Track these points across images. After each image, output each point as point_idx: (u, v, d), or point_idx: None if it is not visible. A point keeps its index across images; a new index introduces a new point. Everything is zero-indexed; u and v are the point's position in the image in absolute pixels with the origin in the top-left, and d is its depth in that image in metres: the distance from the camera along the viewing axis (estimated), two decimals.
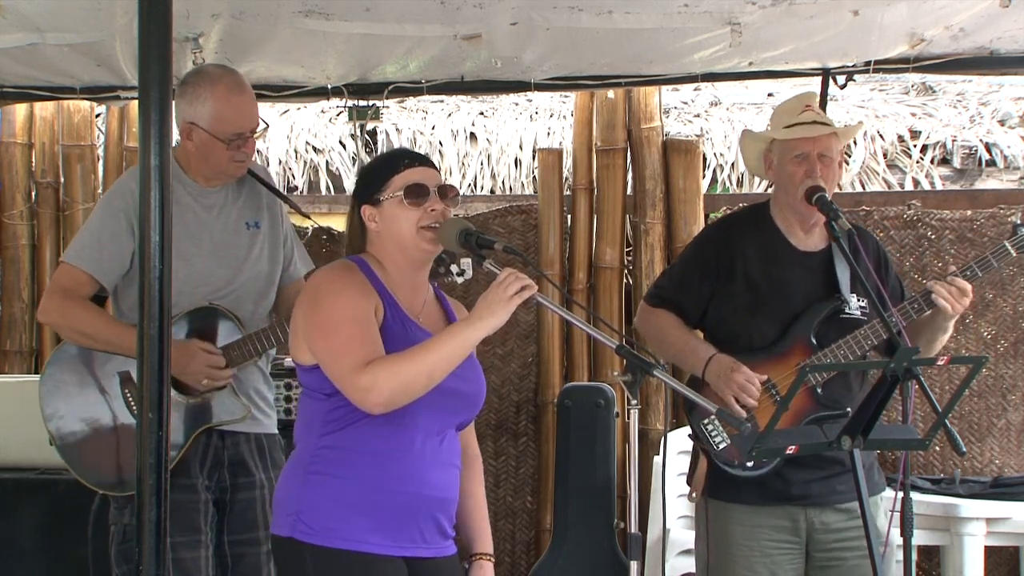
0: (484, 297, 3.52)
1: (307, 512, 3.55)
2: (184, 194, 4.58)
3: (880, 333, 4.45)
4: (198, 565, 4.54)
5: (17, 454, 6.19)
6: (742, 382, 4.48)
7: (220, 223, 4.63)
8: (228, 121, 4.53)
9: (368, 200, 3.69)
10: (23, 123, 7.53)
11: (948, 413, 3.89)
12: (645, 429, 7.03)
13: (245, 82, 4.62)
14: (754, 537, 4.56)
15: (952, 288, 4.42)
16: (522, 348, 7.26)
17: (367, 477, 3.56)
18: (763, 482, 4.53)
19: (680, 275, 4.81)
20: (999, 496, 6.41)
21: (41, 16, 5.11)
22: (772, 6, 5.11)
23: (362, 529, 3.55)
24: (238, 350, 4.54)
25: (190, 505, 4.55)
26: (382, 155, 3.93)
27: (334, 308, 3.55)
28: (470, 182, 8.21)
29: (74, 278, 4.61)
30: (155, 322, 3.35)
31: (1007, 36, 5.57)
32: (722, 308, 4.66)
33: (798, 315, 4.55)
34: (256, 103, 4.63)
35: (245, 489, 4.62)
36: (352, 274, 3.64)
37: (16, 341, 7.52)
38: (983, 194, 7.58)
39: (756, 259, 4.62)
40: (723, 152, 8.08)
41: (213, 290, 4.58)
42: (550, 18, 5.25)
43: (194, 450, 4.58)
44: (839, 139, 4.62)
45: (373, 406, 3.48)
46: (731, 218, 5.21)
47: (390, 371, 3.46)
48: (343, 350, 3.50)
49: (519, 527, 7.25)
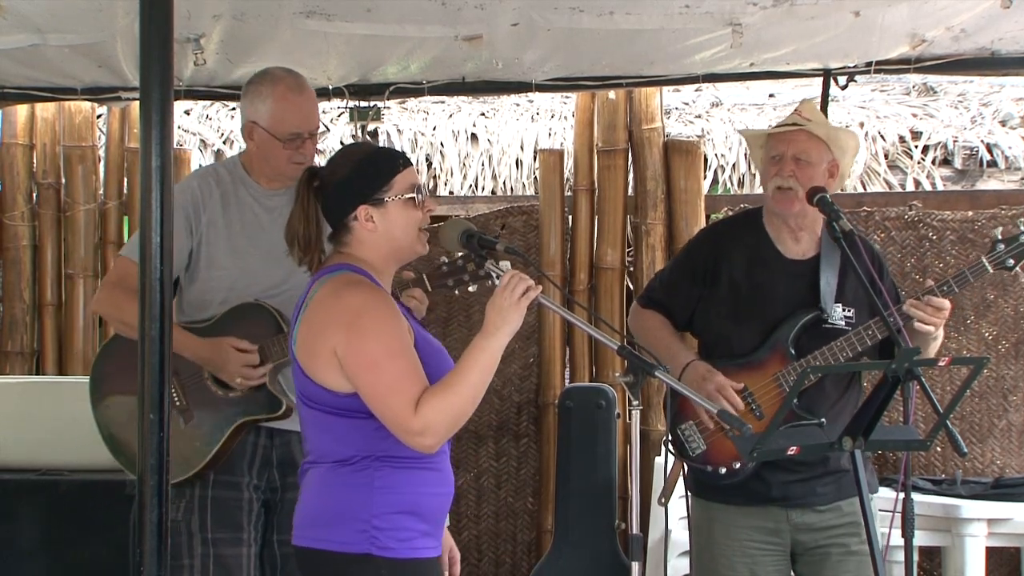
0: (492, 304, 3.50)
1: (383, 527, 3.49)
2: (246, 195, 4.67)
3: (856, 345, 4.42)
4: (239, 563, 4.57)
5: (18, 455, 6.20)
6: (711, 391, 4.46)
7: (279, 225, 4.61)
8: (285, 120, 4.57)
9: (368, 200, 3.60)
10: (24, 124, 7.52)
11: (949, 414, 3.88)
12: (646, 430, 7.02)
13: (306, 84, 4.66)
14: (735, 537, 4.57)
15: (927, 307, 4.36)
16: (523, 349, 7.26)
17: (423, 483, 3.55)
18: (742, 483, 4.53)
19: (669, 277, 4.81)
20: (1000, 497, 6.41)
21: (42, 17, 5.11)
22: (773, 7, 5.11)
23: (420, 535, 3.55)
24: (278, 346, 4.54)
25: (233, 503, 4.59)
26: (367, 152, 3.75)
27: (377, 342, 3.45)
28: (471, 183, 8.21)
29: (125, 270, 4.64)
30: (156, 323, 3.35)
31: (1008, 37, 5.57)
32: (708, 312, 4.66)
33: (779, 323, 4.53)
34: (316, 106, 4.66)
35: (292, 489, 4.55)
36: (381, 296, 3.54)
37: (17, 342, 7.52)
38: (984, 195, 7.58)
39: (742, 264, 4.61)
40: (724, 153, 8.08)
41: (264, 289, 4.60)
42: (551, 19, 5.25)
43: (241, 448, 4.60)
44: (821, 145, 4.52)
45: (427, 448, 3.44)
46: (723, 222, 5.19)
47: (439, 410, 3.41)
48: (391, 390, 3.43)
49: (520, 528, 7.25)
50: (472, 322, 7.12)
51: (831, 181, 4.53)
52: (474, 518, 7.22)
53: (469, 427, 6.81)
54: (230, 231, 4.64)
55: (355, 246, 3.63)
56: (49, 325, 7.53)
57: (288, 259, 4.50)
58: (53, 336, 7.53)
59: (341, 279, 3.56)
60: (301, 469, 3.73)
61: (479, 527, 7.23)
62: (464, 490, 7.13)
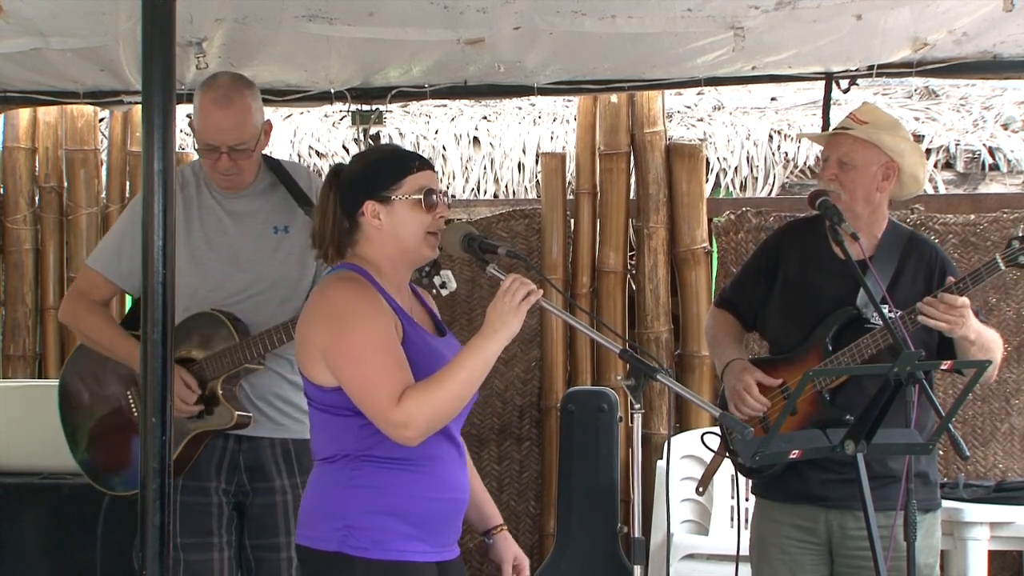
0: (493, 308, 3.49)
1: (357, 526, 3.50)
2: (209, 198, 4.63)
3: (879, 343, 4.41)
4: (209, 568, 4.55)
5: (21, 458, 6.20)
6: (739, 390, 4.51)
7: (242, 228, 4.59)
8: (202, 131, 4.53)
9: (375, 196, 3.59)
10: (27, 128, 7.54)
11: (952, 417, 3.88)
12: (648, 433, 7.03)
13: (237, 97, 4.51)
14: (777, 533, 4.58)
15: (939, 304, 4.30)
16: (525, 352, 7.26)
17: (409, 486, 3.54)
18: (784, 480, 4.53)
19: (739, 276, 4.90)
20: (1003, 500, 6.41)
21: (44, 21, 5.11)
22: (775, 10, 5.11)
23: (404, 538, 3.53)
24: (229, 357, 4.51)
25: (199, 508, 4.56)
26: (385, 152, 3.83)
27: (359, 335, 3.46)
28: (473, 186, 8.20)
29: (91, 280, 4.68)
30: (158, 327, 3.35)
31: (1010, 40, 5.57)
32: (766, 311, 4.72)
33: (820, 321, 4.55)
34: (244, 121, 4.51)
35: (264, 494, 4.59)
36: (368, 291, 3.55)
37: (20, 345, 7.53)
38: (986, 198, 7.58)
39: (797, 264, 4.65)
40: (726, 156, 8.07)
41: (228, 294, 4.57)
42: (553, 22, 5.25)
43: (208, 453, 4.58)
44: (869, 146, 4.50)
45: (409, 440, 3.44)
46: (791, 223, 5.13)
47: (422, 402, 3.41)
48: (373, 381, 3.44)
49: (522, 531, 7.24)
50: (474, 327, 7.04)
51: (885, 184, 4.50)
52: None
53: (471, 430, 6.83)
54: (190, 237, 4.58)
55: (363, 244, 3.63)
56: (51, 328, 7.54)
57: (254, 263, 4.51)
58: (55, 339, 7.54)
59: (332, 277, 3.61)
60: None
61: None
62: None
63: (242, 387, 4.57)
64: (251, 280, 4.55)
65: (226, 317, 4.52)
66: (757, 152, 8.06)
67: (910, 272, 4.50)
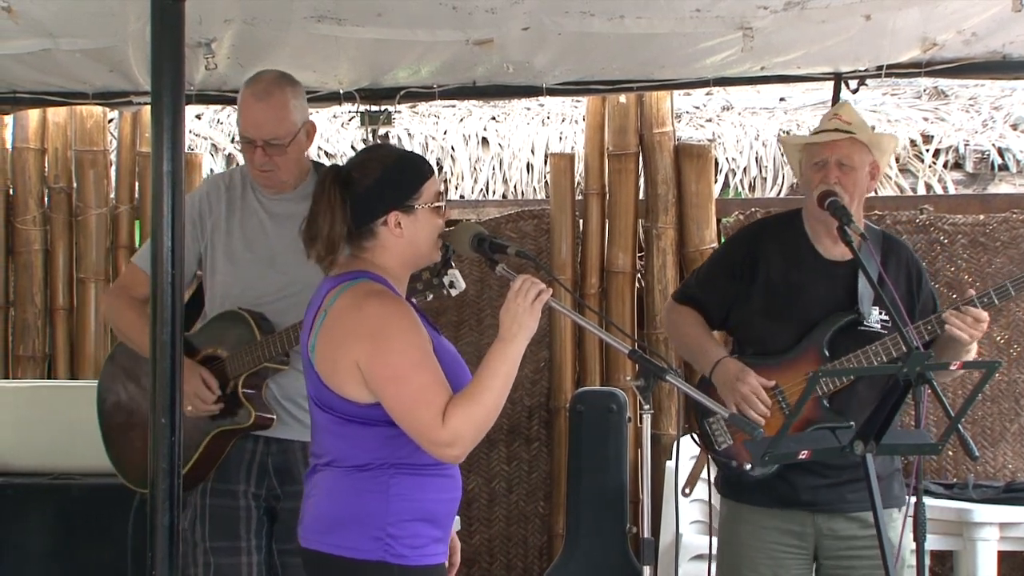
0: (506, 310, 3.49)
1: (397, 535, 3.48)
2: (253, 200, 4.65)
3: (891, 350, 4.42)
4: (237, 572, 4.55)
5: (31, 459, 6.20)
6: (746, 393, 4.49)
7: (281, 230, 4.56)
8: (241, 122, 4.58)
9: (400, 207, 3.55)
10: (36, 128, 7.54)
11: (961, 418, 3.88)
12: (658, 434, 7.02)
13: (277, 93, 4.54)
14: (760, 538, 4.58)
15: (967, 318, 4.37)
16: (534, 353, 7.25)
17: (438, 491, 3.55)
18: (770, 485, 4.53)
19: (707, 274, 4.84)
20: (1012, 501, 6.40)
21: (54, 22, 5.11)
22: (784, 11, 5.11)
23: (434, 542, 3.55)
24: (250, 355, 4.52)
25: (227, 511, 4.57)
26: (395, 157, 3.69)
27: (401, 353, 3.42)
28: (482, 187, 8.20)
29: (132, 276, 4.71)
30: (167, 327, 3.36)
31: (1019, 40, 5.56)
32: (743, 310, 4.68)
33: (815, 324, 4.54)
34: (279, 118, 4.53)
35: (291, 498, 4.52)
36: (401, 305, 3.51)
37: (29, 346, 7.53)
38: (996, 198, 7.56)
39: (779, 263, 4.63)
40: (735, 156, 8.07)
41: (260, 295, 4.57)
42: (562, 23, 5.25)
43: (237, 455, 4.58)
44: (863, 148, 4.56)
45: (454, 459, 3.45)
46: (763, 221, 5.21)
47: (465, 420, 3.39)
48: (418, 402, 3.41)
49: (531, 532, 7.24)
50: (483, 327, 7.12)
51: (872, 183, 4.59)
52: (485, 522, 7.21)
53: None
54: (230, 237, 4.62)
55: (377, 251, 3.58)
56: (61, 329, 7.55)
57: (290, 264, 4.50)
58: (65, 340, 7.55)
59: (361, 289, 3.52)
60: (309, 470, 3.70)
61: (490, 531, 7.22)
62: (475, 494, 7.12)
63: (269, 388, 4.57)
64: (285, 282, 4.54)
65: (250, 315, 4.53)
66: (766, 152, 8.05)
67: (892, 273, 4.52)
